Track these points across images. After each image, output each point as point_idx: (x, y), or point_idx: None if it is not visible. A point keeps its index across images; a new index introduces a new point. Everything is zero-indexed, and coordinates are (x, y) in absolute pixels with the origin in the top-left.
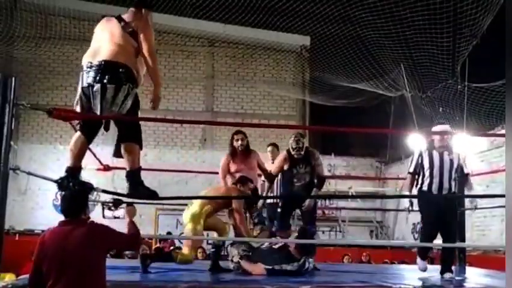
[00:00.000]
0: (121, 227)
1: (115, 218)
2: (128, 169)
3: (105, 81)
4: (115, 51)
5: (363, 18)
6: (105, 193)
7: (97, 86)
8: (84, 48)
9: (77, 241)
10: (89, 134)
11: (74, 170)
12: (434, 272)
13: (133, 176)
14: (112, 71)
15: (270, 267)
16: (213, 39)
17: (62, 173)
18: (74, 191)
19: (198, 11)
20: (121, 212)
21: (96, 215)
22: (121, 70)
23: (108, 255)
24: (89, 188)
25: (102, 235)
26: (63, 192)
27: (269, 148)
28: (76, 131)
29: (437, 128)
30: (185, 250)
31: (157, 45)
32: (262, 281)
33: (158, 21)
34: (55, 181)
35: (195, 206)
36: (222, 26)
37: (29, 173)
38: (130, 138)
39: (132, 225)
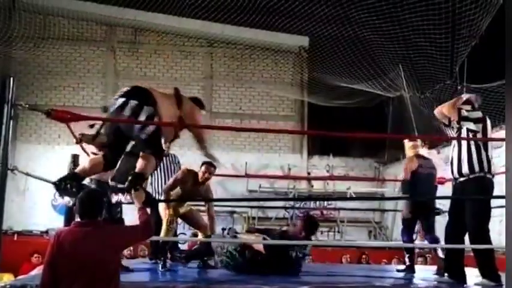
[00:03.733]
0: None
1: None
2: (136, 170)
3: (130, 99)
4: (152, 88)
5: (361, 19)
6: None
7: (120, 100)
8: (82, 48)
9: (96, 244)
10: (111, 161)
11: (78, 176)
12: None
13: (137, 177)
14: (139, 94)
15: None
16: (212, 40)
17: (61, 174)
18: (92, 193)
19: (197, 11)
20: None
21: None
22: (148, 95)
23: None
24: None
25: (118, 236)
26: (65, 195)
27: None
28: (75, 138)
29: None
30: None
31: (156, 46)
32: (261, 281)
33: (157, 21)
34: (53, 183)
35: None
36: (220, 27)
37: (27, 174)
38: (148, 150)
39: (142, 211)
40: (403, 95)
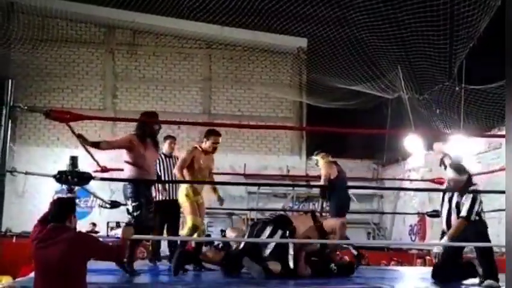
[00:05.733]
0: None
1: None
2: None
3: None
4: None
5: (360, 20)
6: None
7: None
8: (81, 50)
9: (60, 248)
10: None
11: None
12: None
13: None
14: None
15: None
16: (211, 41)
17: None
18: (62, 198)
19: (196, 13)
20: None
21: (94, 218)
22: None
23: None
24: (86, 178)
25: (83, 244)
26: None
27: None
28: (74, 133)
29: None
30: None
31: (155, 48)
32: (258, 283)
33: (156, 23)
34: (53, 176)
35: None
36: (219, 28)
37: (27, 173)
38: None
39: (122, 241)
40: (402, 96)
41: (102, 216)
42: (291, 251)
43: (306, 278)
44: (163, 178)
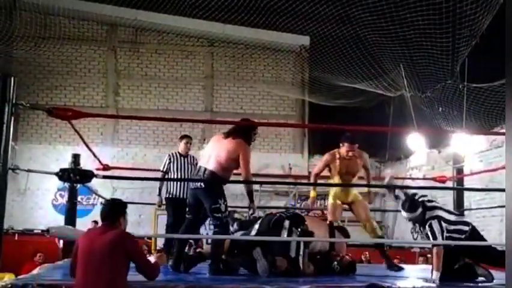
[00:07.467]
0: None
1: None
2: None
3: None
4: None
5: (362, 18)
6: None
7: None
8: (83, 48)
9: (102, 243)
10: None
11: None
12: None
13: None
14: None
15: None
16: (213, 39)
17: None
18: (114, 200)
19: (198, 10)
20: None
21: (97, 216)
22: None
23: None
24: (88, 175)
25: (127, 240)
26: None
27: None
28: (76, 131)
29: None
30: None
31: (157, 45)
32: (261, 281)
33: (158, 21)
34: (55, 174)
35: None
36: (221, 26)
37: (29, 170)
38: None
39: (157, 264)
40: (404, 95)
41: None
42: (301, 252)
43: (309, 276)
44: (177, 176)
